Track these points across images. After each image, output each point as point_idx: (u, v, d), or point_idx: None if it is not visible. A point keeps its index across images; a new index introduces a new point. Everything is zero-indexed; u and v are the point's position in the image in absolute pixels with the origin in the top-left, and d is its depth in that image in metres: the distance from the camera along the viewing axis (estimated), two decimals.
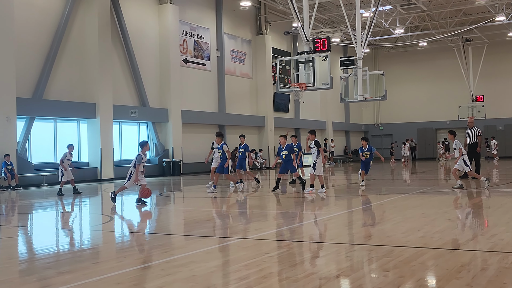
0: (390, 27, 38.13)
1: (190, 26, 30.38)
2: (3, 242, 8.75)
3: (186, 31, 30.12)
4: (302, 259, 6.71)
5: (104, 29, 24.19)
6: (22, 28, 21.55)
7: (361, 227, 9.20)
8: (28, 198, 16.75)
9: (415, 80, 47.79)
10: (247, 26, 35.38)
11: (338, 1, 28.77)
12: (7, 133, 20.15)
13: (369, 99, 26.04)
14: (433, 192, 15.52)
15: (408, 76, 47.89)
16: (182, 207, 13.79)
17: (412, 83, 47.84)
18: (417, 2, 32.08)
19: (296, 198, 14.43)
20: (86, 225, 11.12)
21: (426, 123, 47.03)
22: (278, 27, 37.30)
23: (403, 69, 47.97)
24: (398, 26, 37.99)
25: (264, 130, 35.68)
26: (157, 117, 27.74)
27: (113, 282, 5.62)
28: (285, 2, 30.08)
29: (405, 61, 47.99)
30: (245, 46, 35.26)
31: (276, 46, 37.66)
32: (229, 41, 33.63)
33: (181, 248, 7.69)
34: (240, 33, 34.78)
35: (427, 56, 46.82)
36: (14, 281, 5.94)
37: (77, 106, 23.48)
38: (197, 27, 30.94)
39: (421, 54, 46.81)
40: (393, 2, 32.55)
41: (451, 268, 5.75)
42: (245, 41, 35.21)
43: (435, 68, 46.86)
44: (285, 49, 39.16)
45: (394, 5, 32.96)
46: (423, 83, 47.46)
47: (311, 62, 21.03)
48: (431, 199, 13.57)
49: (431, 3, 34.22)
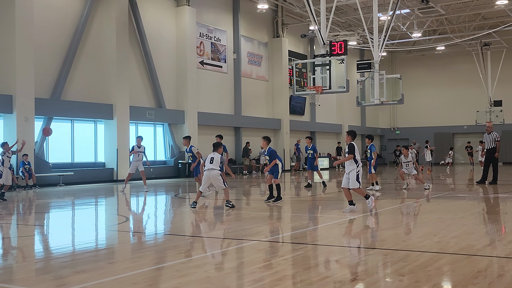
0: (407, 31, 37.92)
1: (207, 28, 30.49)
2: (20, 241, 8.85)
3: (203, 33, 30.23)
4: (316, 262, 6.69)
5: (122, 30, 24.36)
6: (41, 29, 21.78)
7: (376, 231, 9.15)
8: (45, 197, 16.91)
9: (432, 84, 47.44)
10: (264, 29, 35.41)
11: (355, 4, 28.65)
12: (25, 133, 20.35)
13: (385, 102, 25.89)
14: (449, 197, 15.39)
15: (425, 80, 47.55)
16: (197, 208, 13.82)
17: (430, 87, 47.49)
18: (436, 6, 31.87)
19: (312, 202, 14.39)
20: (102, 225, 11.19)
21: (443, 127, 46.66)
22: (295, 30, 37.27)
23: (421, 73, 47.65)
24: (415, 30, 37.74)
25: (280, 132, 35.65)
26: (174, 118, 27.86)
27: (128, 282, 5.65)
28: (302, 5, 30.05)
29: (423, 65, 47.67)
30: (262, 49, 35.30)
31: (292, 49, 37.63)
32: (246, 44, 33.69)
33: (196, 250, 7.71)
34: (257, 36, 34.82)
35: (445, 60, 46.46)
36: (31, 279, 6.00)
37: (94, 107, 23.66)
38: (214, 29, 31.04)
39: (439, 58, 46.47)
40: (411, 5, 32.37)
41: (468, 274, 5.70)
42: (261, 44, 35.24)
43: (453, 72, 46.49)
44: (302, 52, 39.12)
45: (412, 8, 32.77)
46: (440, 87, 47.11)
47: (328, 65, 20.99)
48: (448, 204, 13.46)
49: (450, 7, 33.97)
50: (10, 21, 20.14)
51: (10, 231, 10.18)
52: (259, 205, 14.06)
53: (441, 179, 24.37)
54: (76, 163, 23.56)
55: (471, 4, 33.40)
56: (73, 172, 22.42)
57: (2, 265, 6.91)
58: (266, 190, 14.42)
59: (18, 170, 20.07)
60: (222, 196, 15.21)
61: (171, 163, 27.49)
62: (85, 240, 9.02)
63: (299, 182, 23.49)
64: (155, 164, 26.68)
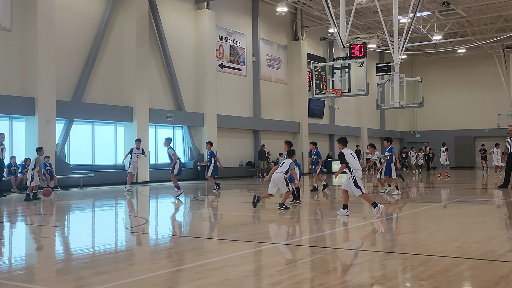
0: (428, 33, 37.63)
1: (226, 31, 30.59)
2: (42, 242, 8.95)
3: (223, 36, 30.33)
4: (335, 266, 6.66)
5: (142, 34, 24.56)
6: (62, 33, 22.04)
7: (396, 235, 9.08)
8: (66, 199, 17.08)
9: (453, 87, 46.99)
10: (283, 32, 35.41)
11: (375, 7, 28.52)
12: (47, 135, 20.61)
13: (405, 106, 25.73)
14: (470, 201, 15.22)
15: (446, 83, 47.11)
16: (216, 211, 13.86)
17: (450, 90, 47.04)
18: (457, 8, 31.57)
19: (330, 205, 14.34)
20: (121, 226, 11.27)
21: (464, 130, 46.16)
22: (314, 32, 37.21)
23: (441, 76, 47.22)
24: (436, 32, 37.45)
25: (298, 135, 35.59)
26: (193, 121, 27.98)
27: (148, 283, 5.69)
28: (322, 8, 30.00)
29: (443, 68, 47.24)
30: (281, 52, 35.30)
31: (311, 52, 37.58)
32: (265, 47, 33.72)
33: (215, 252, 7.73)
34: (276, 39, 34.84)
35: (466, 63, 46.01)
36: (52, 280, 6.07)
37: (114, 110, 23.87)
38: (233, 32, 31.12)
39: (460, 60, 46.02)
40: (432, 8, 32.11)
41: (489, 280, 5.63)
42: (281, 47, 35.24)
43: (474, 75, 46.01)
44: (321, 55, 39.04)
45: (433, 11, 32.51)
46: (461, 90, 46.64)
47: (347, 68, 20.92)
48: (468, 208, 13.31)
49: (471, 9, 33.63)
50: (32, 25, 20.43)
51: (32, 231, 10.31)
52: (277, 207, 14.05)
53: (461, 183, 24.11)
54: (96, 165, 23.78)
55: (493, 6, 33.02)
56: (93, 174, 22.64)
57: (24, 265, 7.00)
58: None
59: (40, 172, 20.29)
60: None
61: (190, 165, 27.60)
62: (105, 242, 9.10)
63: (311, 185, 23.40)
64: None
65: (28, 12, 20.55)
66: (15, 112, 20.29)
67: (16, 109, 20.15)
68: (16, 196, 17.95)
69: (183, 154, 28.30)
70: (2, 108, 19.77)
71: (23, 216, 12.69)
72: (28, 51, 20.51)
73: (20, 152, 20.61)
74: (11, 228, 10.80)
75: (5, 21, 20.27)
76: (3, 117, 20.41)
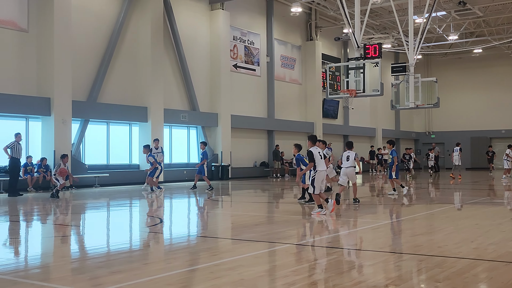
0: (444, 33, 37.35)
1: (240, 31, 30.62)
2: (58, 241, 9.02)
3: (237, 37, 30.37)
4: (350, 267, 6.64)
5: (157, 34, 24.66)
6: (78, 33, 22.20)
7: (411, 236, 9.02)
8: (81, 198, 17.21)
9: (469, 87, 46.57)
10: (297, 32, 35.36)
11: (390, 7, 28.39)
12: (63, 135, 20.77)
13: (421, 106, 25.57)
14: (486, 203, 15.08)
15: (462, 83, 46.72)
16: (230, 211, 13.87)
17: (466, 90, 46.63)
18: (473, 8, 31.29)
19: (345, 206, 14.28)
20: (136, 226, 11.33)
21: (480, 131, 45.74)
22: (329, 33, 37.10)
23: (457, 76, 46.83)
24: (452, 32, 37.15)
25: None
26: (207, 121, 28.04)
27: (163, 283, 5.71)
28: (336, 8, 29.91)
29: (459, 68, 46.85)
30: (295, 52, 35.25)
31: (326, 52, 37.48)
32: (279, 47, 33.70)
33: (229, 252, 7.74)
34: (290, 39, 34.80)
35: (482, 63, 45.57)
36: (68, 278, 6.11)
37: (129, 110, 23.99)
38: (248, 33, 31.14)
39: (476, 61, 45.60)
40: (448, 8, 31.87)
41: (506, 282, 5.58)
42: (295, 47, 35.20)
43: (491, 76, 45.56)
44: (335, 55, 38.92)
45: (449, 11, 32.26)
46: (477, 91, 46.21)
47: (362, 68, 20.84)
48: (485, 210, 13.19)
49: (488, 9, 33.31)
50: (48, 25, 20.59)
51: (48, 231, 10.40)
52: (292, 208, 14.03)
53: (477, 184, 23.89)
54: (111, 165, 23.91)
55: (510, 5, 32.67)
56: (108, 173, 22.76)
57: (40, 264, 7.07)
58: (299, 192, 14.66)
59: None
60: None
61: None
62: (120, 241, 9.15)
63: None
64: (188, 166, 26.88)
65: (44, 12, 20.73)
66: (31, 112, 20.47)
67: (32, 109, 20.34)
68: (32, 195, 18.12)
69: (197, 155, 28.36)
70: (19, 108, 19.96)
71: (38, 215, 12.80)
72: (44, 52, 20.69)
73: (36, 152, 20.78)
74: (27, 227, 10.91)
75: (21, 21, 20.47)
76: (20, 117, 20.61)
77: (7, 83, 19.89)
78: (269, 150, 32.33)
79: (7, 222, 11.49)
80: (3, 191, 18.57)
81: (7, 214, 12.95)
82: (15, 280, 5.87)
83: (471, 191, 20.34)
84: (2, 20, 19.83)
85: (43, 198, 16.94)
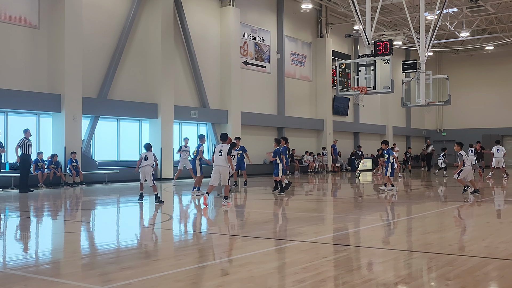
0: (455, 30, 37.11)
1: (251, 28, 30.58)
2: (68, 237, 9.07)
3: (247, 34, 30.33)
4: (359, 265, 6.61)
5: (167, 31, 24.68)
6: (89, 30, 22.27)
7: (421, 234, 8.98)
8: (91, 194, 17.29)
9: (481, 84, 46.25)
10: (307, 29, 35.26)
11: (401, 4, 28.23)
12: (73, 131, 20.87)
13: (432, 103, 25.42)
14: (497, 201, 14.97)
15: (473, 80, 46.40)
16: (240, 208, 13.87)
17: (478, 87, 46.32)
18: (485, 5, 31.05)
19: (354, 203, 14.24)
20: (146, 222, 11.36)
21: (492, 129, 45.36)
22: (339, 29, 36.97)
23: (469, 73, 46.51)
24: (464, 29, 36.90)
25: (322, 133, 35.44)
26: (217, 118, 28.04)
27: (173, 279, 5.72)
28: (347, 5, 29.79)
29: (471, 65, 46.52)
30: (305, 49, 35.16)
31: (336, 49, 37.34)
32: (290, 44, 33.62)
33: (239, 249, 7.73)
34: (301, 36, 34.70)
35: (494, 60, 45.21)
36: (78, 274, 6.14)
37: (139, 106, 24.05)
38: (258, 30, 31.09)
39: (488, 58, 45.26)
40: (459, 4, 31.65)
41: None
42: (305, 44, 35.11)
43: (503, 73, 45.20)
44: (346, 52, 38.78)
45: (460, 7, 32.04)
46: (489, 88, 45.88)
47: (372, 65, 20.78)
48: (495, 208, 13.10)
49: (500, 5, 33.04)
50: (59, 22, 20.69)
51: (58, 227, 10.45)
52: (302, 205, 14.02)
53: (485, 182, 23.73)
54: (121, 162, 23.98)
55: None
56: (118, 170, 22.84)
57: (50, 259, 7.10)
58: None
59: (66, 168, 20.59)
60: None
61: None
62: (130, 237, 9.18)
63: (335, 184, 23.27)
64: None
65: (55, 9, 20.82)
66: (42, 109, 20.59)
67: (43, 105, 20.45)
68: (43, 191, 18.22)
69: (207, 151, 28.38)
70: (30, 105, 20.08)
71: (49, 211, 12.87)
72: (55, 48, 20.78)
73: (47, 148, 20.89)
74: (37, 223, 10.97)
75: (33, 18, 20.57)
76: (31, 113, 20.73)
77: (18, 79, 20.01)
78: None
79: (17, 218, 11.57)
80: (14, 187, 18.69)
81: (18, 210, 13.04)
82: (26, 276, 5.90)
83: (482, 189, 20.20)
84: (13, 17, 19.94)
85: (53, 194, 17.03)
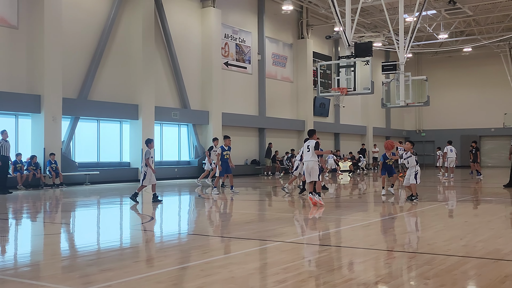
0: (434, 32, 37.52)
1: (232, 29, 30.59)
2: (47, 239, 8.98)
3: (228, 35, 30.33)
4: (340, 264, 6.66)
5: (148, 31, 24.58)
6: (69, 30, 22.08)
7: (401, 234, 9.07)
8: (71, 196, 17.14)
9: (459, 86, 46.84)
10: (288, 30, 35.38)
11: (381, 6, 28.45)
12: (53, 133, 20.67)
13: (411, 104, 25.67)
14: (475, 200, 15.17)
15: (452, 81, 46.96)
16: (221, 209, 13.87)
17: (456, 89, 46.89)
18: (463, 7, 31.45)
19: (335, 204, 14.33)
20: (127, 224, 11.30)
21: (470, 130, 45.96)
22: (320, 31, 37.16)
23: (447, 75, 47.07)
24: (442, 31, 37.31)
25: (303, 134, 35.55)
26: (198, 119, 27.99)
27: (153, 280, 5.71)
28: (327, 6, 29.94)
29: (449, 67, 47.08)
30: (286, 50, 35.27)
31: (317, 50, 37.53)
32: (271, 45, 33.69)
33: (220, 250, 7.74)
34: (282, 37, 34.80)
35: (472, 62, 45.82)
36: (58, 277, 6.09)
37: (120, 107, 23.91)
38: (239, 31, 31.11)
39: (466, 59, 45.85)
40: (438, 6, 32.00)
41: (495, 279, 5.62)
42: (286, 45, 35.21)
43: (480, 74, 45.83)
44: (327, 53, 38.98)
45: (439, 9, 32.40)
46: (467, 89, 46.48)
47: (353, 66, 20.91)
48: (474, 207, 13.28)
49: (478, 8, 33.48)
50: (39, 22, 20.49)
51: (38, 229, 10.35)
52: (283, 206, 14.06)
53: (465, 182, 24.04)
54: (101, 163, 23.83)
55: (500, 5, 32.88)
56: (98, 171, 22.69)
57: (30, 262, 7.04)
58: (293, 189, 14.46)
59: (45, 169, 20.38)
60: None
61: (195, 163, 27.62)
62: (110, 239, 9.12)
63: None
64: (179, 164, 26.88)
65: (34, 9, 20.61)
66: (21, 110, 20.37)
67: (22, 106, 20.23)
68: (22, 193, 18.02)
69: (188, 152, 28.33)
70: (8, 106, 19.84)
71: (28, 213, 12.74)
72: (34, 49, 20.57)
73: (26, 149, 20.67)
74: (16, 225, 10.86)
75: (11, 18, 20.34)
76: (9, 114, 20.48)
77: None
78: (260, 148, 32.34)
79: None
80: None
81: None
82: (4, 279, 5.84)
83: (461, 189, 20.46)
84: None
85: (33, 195, 16.85)
